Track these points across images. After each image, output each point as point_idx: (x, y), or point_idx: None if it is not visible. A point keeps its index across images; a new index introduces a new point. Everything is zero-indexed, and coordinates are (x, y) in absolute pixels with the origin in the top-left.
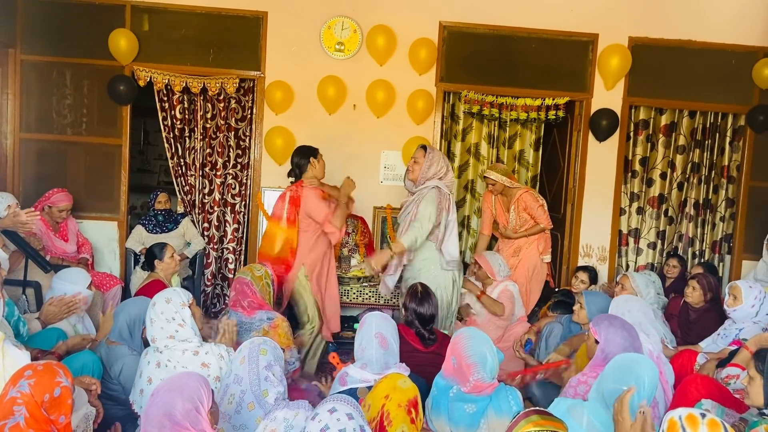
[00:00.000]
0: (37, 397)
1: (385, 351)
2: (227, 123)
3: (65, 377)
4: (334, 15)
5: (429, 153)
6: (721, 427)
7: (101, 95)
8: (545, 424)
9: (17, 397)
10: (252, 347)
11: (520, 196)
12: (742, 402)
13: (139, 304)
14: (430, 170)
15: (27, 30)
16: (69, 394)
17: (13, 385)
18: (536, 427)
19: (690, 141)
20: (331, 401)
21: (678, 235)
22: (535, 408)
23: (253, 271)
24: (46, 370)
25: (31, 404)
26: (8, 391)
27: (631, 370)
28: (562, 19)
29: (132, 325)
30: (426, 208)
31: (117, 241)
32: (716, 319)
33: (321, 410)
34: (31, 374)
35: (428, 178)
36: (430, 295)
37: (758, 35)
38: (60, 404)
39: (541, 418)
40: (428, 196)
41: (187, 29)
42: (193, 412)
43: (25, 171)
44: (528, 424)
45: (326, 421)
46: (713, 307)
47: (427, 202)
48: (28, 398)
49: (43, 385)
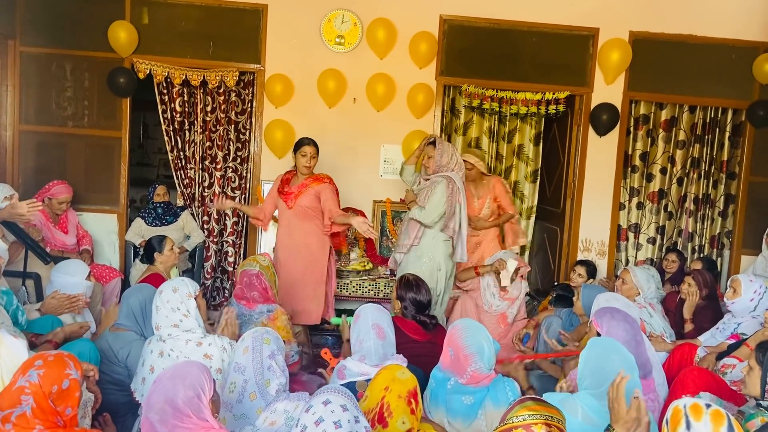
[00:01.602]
0: (46, 388)
1: (383, 341)
2: (227, 116)
3: (75, 369)
4: (334, 8)
5: (439, 144)
6: (725, 418)
7: (101, 87)
8: (540, 409)
9: (26, 386)
10: (255, 336)
11: (495, 184)
12: (738, 394)
13: (141, 293)
14: (443, 158)
15: (27, 21)
16: (77, 386)
17: (23, 374)
18: (530, 412)
19: (690, 136)
20: (324, 392)
21: (677, 230)
22: (530, 395)
23: (259, 262)
24: (57, 362)
25: (39, 395)
26: (17, 379)
27: (610, 359)
28: (563, 13)
29: (144, 307)
30: (434, 195)
31: (116, 234)
32: (712, 316)
33: (315, 402)
34: (42, 364)
35: (443, 166)
36: (422, 282)
37: (759, 30)
38: (68, 396)
39: (536, 404)
40: (440, 186)
41: (187, 22)
42: (195, 400)
43: (24, 163)
44: (522, 409)
45: (320, 413)
46: (710, 304)
47: (436, 191)
48: (37, 388)
49: (52, 376)
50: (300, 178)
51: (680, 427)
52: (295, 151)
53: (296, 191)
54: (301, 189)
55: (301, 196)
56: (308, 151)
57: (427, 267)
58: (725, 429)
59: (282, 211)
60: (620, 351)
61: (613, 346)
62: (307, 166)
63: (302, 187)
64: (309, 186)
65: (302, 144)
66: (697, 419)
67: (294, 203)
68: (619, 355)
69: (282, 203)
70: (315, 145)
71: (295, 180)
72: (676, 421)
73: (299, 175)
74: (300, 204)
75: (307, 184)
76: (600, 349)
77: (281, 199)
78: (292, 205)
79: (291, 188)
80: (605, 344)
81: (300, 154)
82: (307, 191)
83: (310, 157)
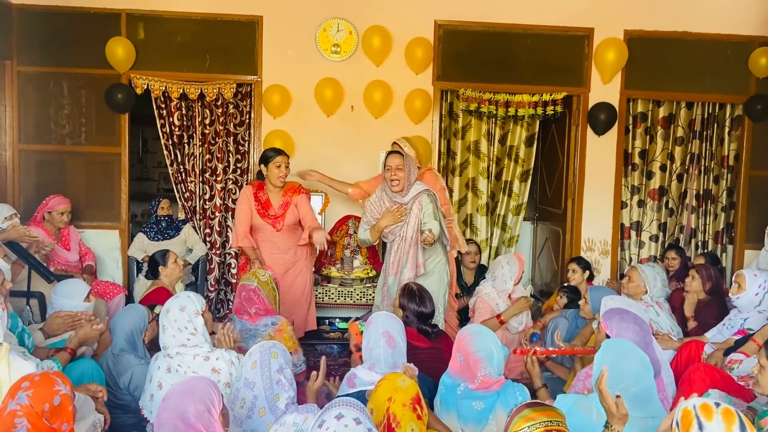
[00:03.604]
0: (37, 408)
1: (393, 350)
2: (226, 128)
3: (63, 385)
4: (329, 17)
5: (406, 158)
6: (736, 416)
7: (99, 104)
8: (537, 416)
9: (17, 409)
10: (263, 351)
11: (424, 173)
12: (746, 390)
13: (130, 315)
14: (412, 174)
15: (23, 41)
16: (69, 401)
17: (12, 397)
18: (529, 423)
19: (688, 132)
20: (337, 406)
21: (679, 227)
22: (525, 402)
23: (258, 277)
24: (43, 380)
25: (31, 415)
26: (7, 404)
27: (626, 360)
28: (557, 14)
29: (131, 337)
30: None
31: (119, 250)
32: (717, 311)
33: (328, 417)
34: (29, 385)
35: (411, 184)
36: (425, 292)
37: (753, 24)
38: (61, 412)
39: (532, 411)
40: (426, 199)
41: (182, 36)
42: (206, 414)
43: (24, 182)
44: (521, 420)
45: (334, 427)
46: (714, 299)
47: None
48: (28, 409)
49: (41, 395)
50: (274, 192)
51: (692, 428)
52: (266, 164)
53: (280, 213)
54: (284, 209)
55: (287, 215)
56: (282, 161)
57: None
58: (737, 427)
59: (266, 233)
60: (635, 352)
61: (628, 347)
62: (282, 177)
63: (285, 206)
64: (290, 203)
65: (275, 155)
66: (709, 419)
67: (282, 225)
68: (635, 356)
69: (267, 227)
70: (285, 154)
71: (270, 196)
72: (687, 423)
73: (271, 188)
74: (287, 223)
75: (288, 202)
76: (615, 350)
77: (266, 222)
78: (280, 228)
79: (274, 210)
80: (620, 345)
81: (274, 165)
82: (289, 209)
83: (284, 166)
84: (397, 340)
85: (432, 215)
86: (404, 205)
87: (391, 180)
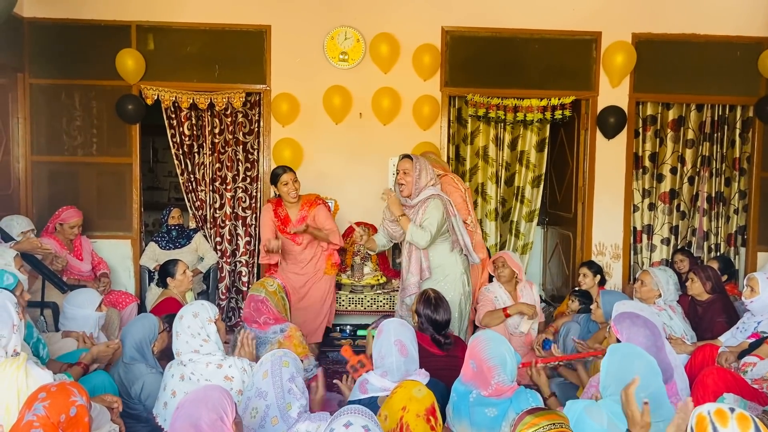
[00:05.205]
0: (53, 419)
1: (405, 358)
2: (235, 137)
3: (80, 396)
4: (336, 25)
5: (416, 161)
6: (751, 421)
7: (110, 115)
8: (539, 421)
9: (33, 420)
10: (274, 360)
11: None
12: (760, 393)
13: (141, 324)
14: (422, 179)
15: (34, 54)
16: (85, 412)
17: (29, 408)
18: (532, 428)
19: (699, 134)
20: (346, 414)
21: (691, 230)
22: (527, 409)
23: (266, 287)
24: (60, 391)
25: (48, 426)
26: (24, 415)
27: (632, 364)
28: (564, 18)
29: (140, 348)
30: (431, 215)
31: (131, 259)
32: (722, 309)
33: (336, 425)
34: (45, 396)
35: (421, 189)
36: (442, 300)
37: (762, 26)
38: (77, 423)
39: (534, 417)
40: (432, 205)
41: (192, 46)
42: (219, 422)
43: (37, 193)
44: (524, 427)
45: None
46: (719, 298)
47: (431, 210)
48: (44, 420)
49: (58, 405)
50: (291, 207)
51: None
52: (275, 184)
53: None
54: (303, 222)
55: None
56: (288, 179)
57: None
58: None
59: (287, 246)
60: (642, 356)
61: (634, 351)
62: (293, 193)
63: (303, 220)
64: (308, 216)
65: (279, 174)
66: (724, 425)
67: (302, 238)
68: (641, 360)
69: (288, 241)
70: (291, 170)
71: (288, 212)
72: (702, 429)
73: (288, 204)
74: (306, 237)
75: (305, 216)
76: (621, 355)
77: (287, 238)
78: (300, 242)
79: (293, 225)
80: (626, 350)
81: (281, 184)
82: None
83: (292, 182)
84: (409, 348)
85: (430, 220)
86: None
87: (398, 184)
